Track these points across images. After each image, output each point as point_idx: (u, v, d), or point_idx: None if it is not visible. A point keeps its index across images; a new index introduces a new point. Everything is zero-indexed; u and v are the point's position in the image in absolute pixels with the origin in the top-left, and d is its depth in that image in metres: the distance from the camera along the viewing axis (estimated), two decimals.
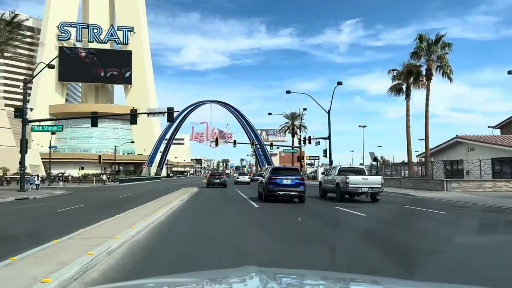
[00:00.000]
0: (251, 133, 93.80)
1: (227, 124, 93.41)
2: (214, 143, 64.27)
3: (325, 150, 40.16)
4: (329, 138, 38.63)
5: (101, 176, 54.54)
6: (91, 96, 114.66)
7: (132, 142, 73.76)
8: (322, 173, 27.50)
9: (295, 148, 57.36)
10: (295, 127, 68.17)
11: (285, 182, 18.78)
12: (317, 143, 45.07)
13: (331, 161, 38.14)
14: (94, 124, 33.02)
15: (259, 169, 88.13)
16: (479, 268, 6.47)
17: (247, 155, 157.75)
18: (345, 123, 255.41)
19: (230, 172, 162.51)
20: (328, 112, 38.53)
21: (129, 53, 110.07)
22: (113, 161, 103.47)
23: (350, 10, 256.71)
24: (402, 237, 9.81)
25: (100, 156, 47.95)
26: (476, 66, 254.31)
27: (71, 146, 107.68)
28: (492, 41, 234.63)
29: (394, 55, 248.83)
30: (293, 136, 68.61)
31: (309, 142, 46.57)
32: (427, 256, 7.31)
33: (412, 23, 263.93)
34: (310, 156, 75.60)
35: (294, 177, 19.05)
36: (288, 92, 39.18)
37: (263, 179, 20.84)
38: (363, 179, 19.65)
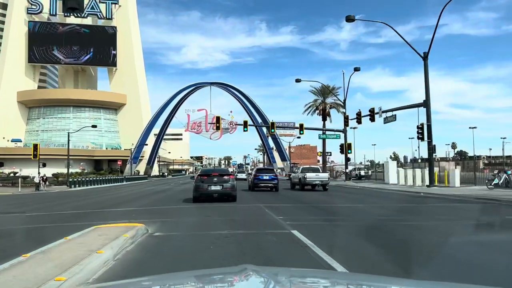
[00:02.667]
0: (261, 121, 76.13)
1: (231, 112, 75.37)
2: (215, 130, 46.82)
3: (420, 127, 21.74)
4: (426, 104, 20.95)
5: (34, 178, 34.59)
6: (69, 81, 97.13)
7: (94, 126, 55.47)
8: (294, 172, 33.97)
9: (335, 133, 39.26)
10: (327, 106, 50.33)
11: (265, 177, 26.55)
12: (387, 119, 26.85)
13: (430, 147, 20.49)
14: None
15: (269, 166, 72.36)
16: None
17: (255, 149, 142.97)
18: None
19: (233, 170, 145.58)
20: (425, 57, 20.92)
21: (113, 29, 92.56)
22: (90, 157, 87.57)
23: (351, 7, 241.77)
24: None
25: (35, 146, 30.24)
26: (476, 62, 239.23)
27: (44, 140, 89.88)
28: (492, 38, 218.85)
29: (395, 52, 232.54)
30: (324, 119, 50.32)
31: (372, 119, 28.43)
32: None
33: (413, 20, 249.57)
34: (321, 152, 58.24)
35: (271, 174, 27.15)
36: (350, 19, 21.57)
37: (251, 176, 29.07)
38: (316, 175, 27.03)
